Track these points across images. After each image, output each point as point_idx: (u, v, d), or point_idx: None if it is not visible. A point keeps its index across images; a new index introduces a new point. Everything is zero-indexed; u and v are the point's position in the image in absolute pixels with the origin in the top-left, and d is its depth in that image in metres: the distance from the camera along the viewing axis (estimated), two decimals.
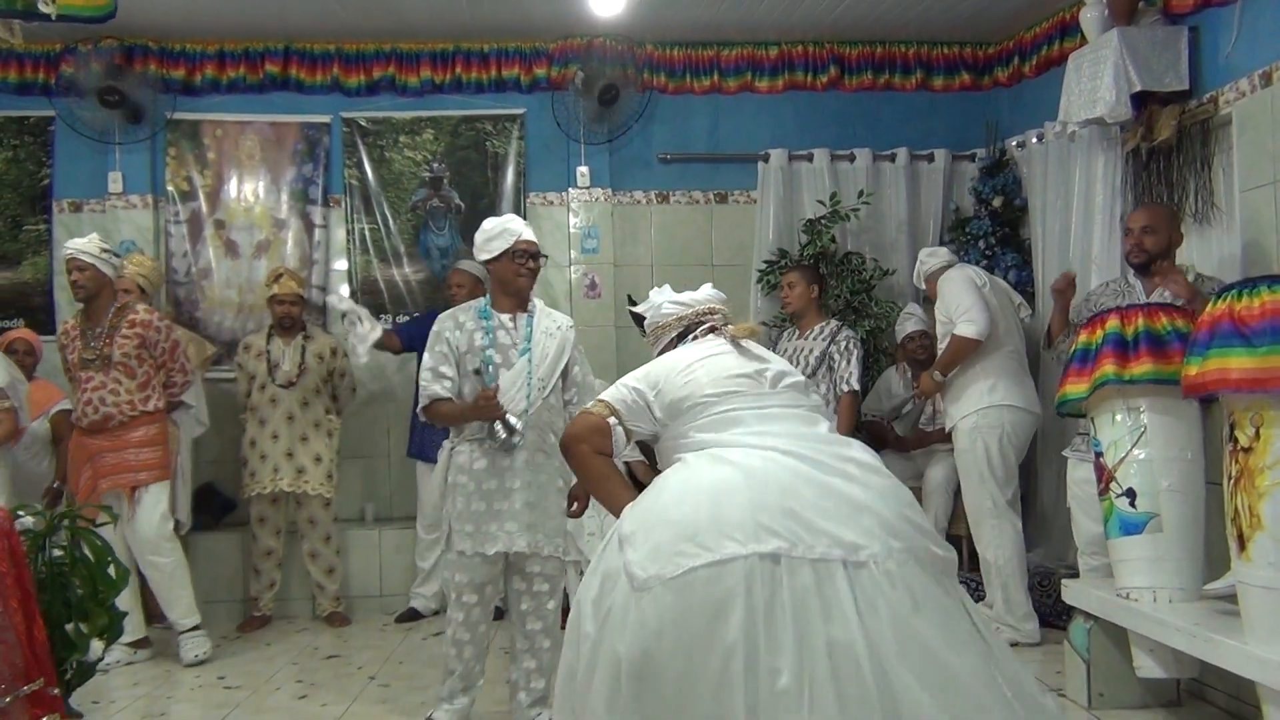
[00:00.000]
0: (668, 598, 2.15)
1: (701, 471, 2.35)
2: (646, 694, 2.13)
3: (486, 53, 6.03)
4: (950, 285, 4.66)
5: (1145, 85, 4.31)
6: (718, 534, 2.18)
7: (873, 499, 2.28)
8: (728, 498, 2.24)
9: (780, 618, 2.11)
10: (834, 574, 2.15)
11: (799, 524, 2.19)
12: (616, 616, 2.20)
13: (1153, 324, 3.44)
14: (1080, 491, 4.24)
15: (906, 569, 2.19)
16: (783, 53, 6.11)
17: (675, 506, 2.28)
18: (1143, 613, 3.41)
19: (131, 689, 4.35)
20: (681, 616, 2.13)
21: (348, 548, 5.61)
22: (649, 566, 2.19)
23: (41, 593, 2.86)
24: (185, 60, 5.94)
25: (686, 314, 2.80)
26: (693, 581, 2.14)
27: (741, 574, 2.13)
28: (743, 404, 2.47)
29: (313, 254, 6.02)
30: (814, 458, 2.33)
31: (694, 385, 2.51)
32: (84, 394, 4.58)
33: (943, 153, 6.08)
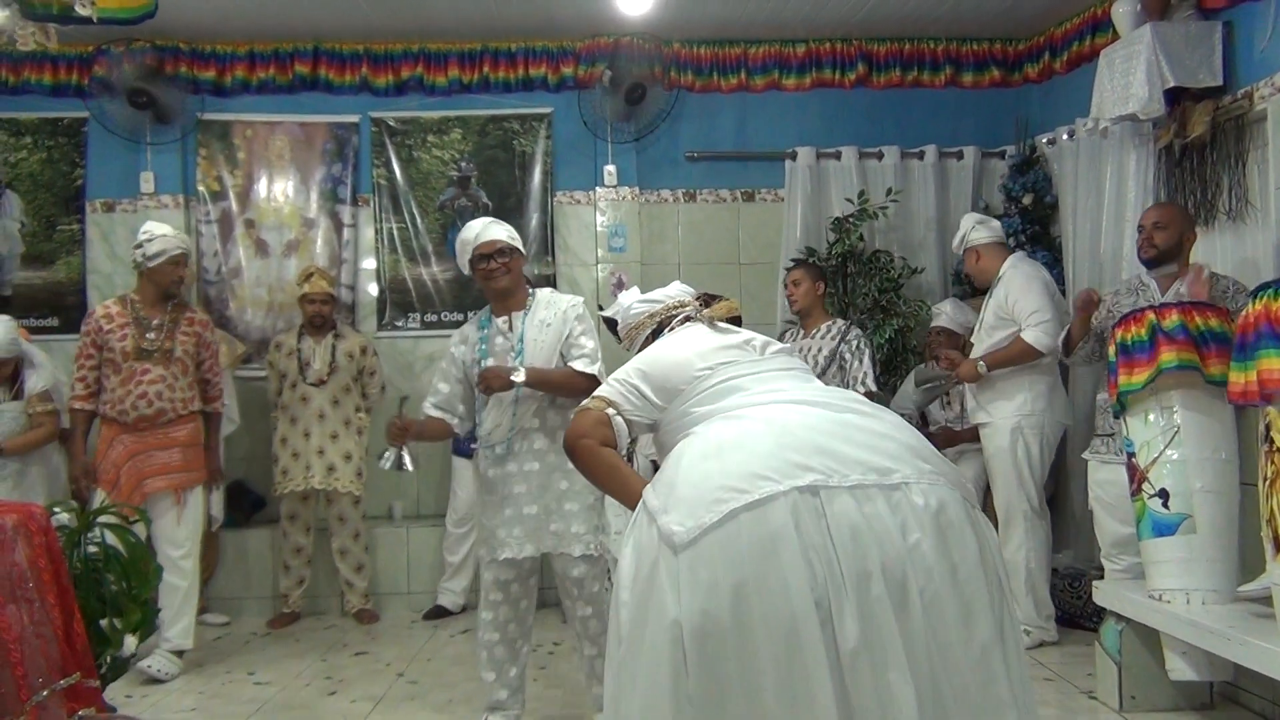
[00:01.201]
0: (716, 550, 2.07)
1: (719, 431, 2.30)
2: (713, 652, 2.05)
3: (514, 52, 6.05)
4: (1027, 282, 4.55)
5: (1179, 81, 4.26)
6: (752, 476, 2.12)
7: (892, 429, 2.27)
8: (753, 443, 2.20)
9: (833, 555, 2.06)
10: (873, 498, 2.11)
11: (829, 456, 2.15)
12: (663, 583, 2.12)
13: (1187, 323, 3.41)
14: (1103, 493, 4.23)
15: (938, 488, 2.17)
16: (810, 50, 6.09)
17: (700, 465, 2.21)
18: (1175, 615, 3.37)
19: (163, 684, 4.39)
20: (732, 563, 2.05)
21: (376, 545, 5.65)
22: (687, 521, 2.12)
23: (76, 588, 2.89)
24: (216, 61, 5.99)
25: (657, 309, 2.80)
26: (738, 526, 2.07)
27: (787, 510, 2.07)
28: (738, 371, 2.44)
29: (342, 253, 6.06)
30: (824, 401, 2.33)
31: (684, 364, 2.47)
32: (137, 386, 4.42)
33: (972, 150, 6.04)
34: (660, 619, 2.08)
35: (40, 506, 2.82)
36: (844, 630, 2.02)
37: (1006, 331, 4.58)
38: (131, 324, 4.48)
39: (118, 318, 4.48)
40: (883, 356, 5.63)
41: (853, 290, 5.75)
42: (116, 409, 4.44)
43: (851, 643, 2.01)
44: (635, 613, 2.15)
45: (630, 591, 2.19)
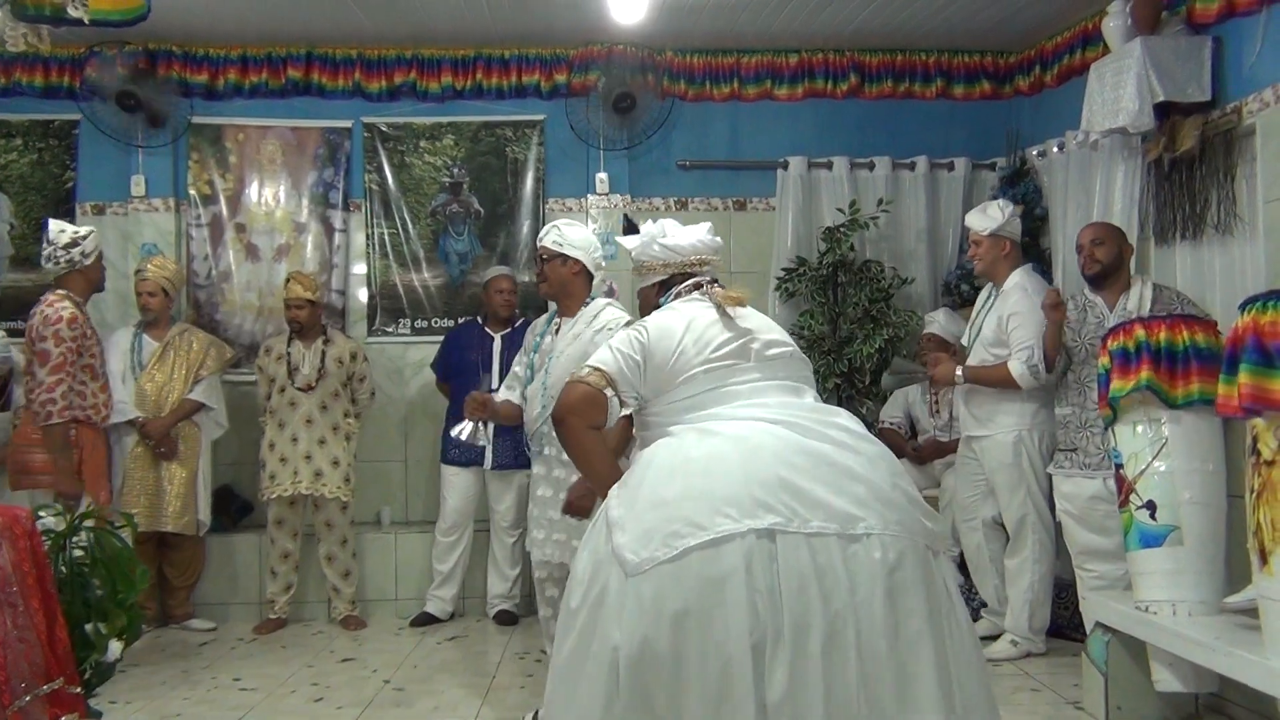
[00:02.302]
0: (665, 581, 2.09)
1: (689, 446, 2.27)
2: (647, 682, 2.07)
3: (507, 59, 6.05)
4: (1030, 312, 4.45)
5: (1168, 95, 4.28)
6: (711, 510, 2.13)
7: (865, 467, 2.24)
8: (719, 470, 2.18)
9: (780, 601, 2.07)
10: (830, 549, 2.12)
11: (793, 495, 2.15)
12: (611, 605, 2.14)
13: (1174, 339, 3.43)
14: (1069, 505, 4.31)
15: (901, 543, 2.16)
16: (803, 60, 6.11)
17: (665, 485, 2.21)
18: (1162, 626, 3.38)
19: (147, 690, 4.37)
20: (680, 599, 2.08)
21: (363, 551, 5.63)
22: (640, 550, 2.13)
23: (61, 593, 2.87)
24: (208, 65, 5.98)
25: (674, 261, 2.69)
26: (689, 563, 2.09)
27: (740, 553, 2.08)
28: (729, 379, 2.41)
29: (332, 258, 6.05)
30: (803, 424, 2.28)
31: (682, 359, 2.43)
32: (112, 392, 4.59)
33: (963, 161, 6.07)
34: (603, 641, 2.11)
35: (26, 510, 2.81)
36: (773, 680, 2.04)
37: (1003, 350, 4.51)
38: (93, 329, 4.60)
39: (85, 324, 4.54)
40: (872, 366, 5.65)
41: (843, 300, 5.76)
42: (100, 414, 4.57)
43: (777, 694, 2.04)
44: (582, 628, 2.18)
45: (580, 602, 2.21)
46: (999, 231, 4.65)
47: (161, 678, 4.55)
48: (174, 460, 5.21)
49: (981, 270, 4.75)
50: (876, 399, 5.71)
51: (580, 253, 3.69)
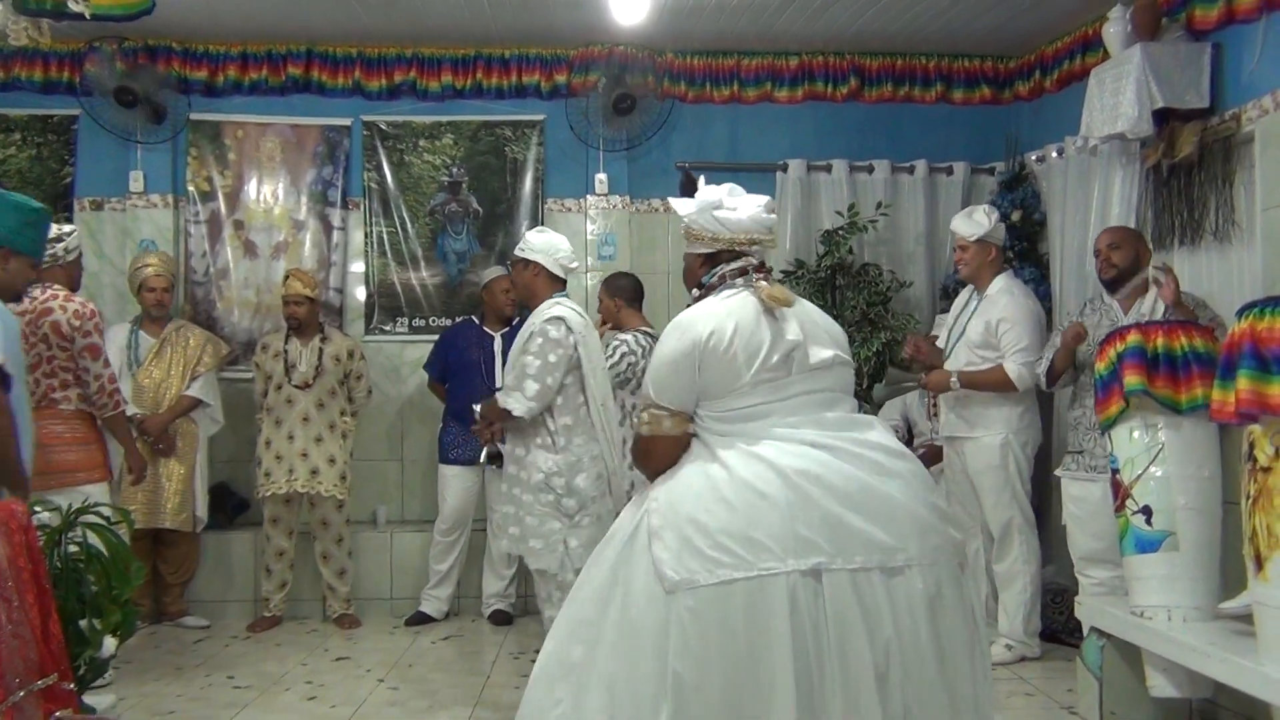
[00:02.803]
0: (707, 605, 2.13)
1: (734, 468, 2.25)
2: (692, 694, 2.11)
3: (508, 59, 6.05)
4: (1022, 315, 4.53)
5: (1167, 101, 4.29)
6: (754, 544, 2.14)
7: (905, 494, 2.25)
8: (763, 502, 2.18)
9: (825, 637, 2.12)
10: (874, 583, 2.15)
11: (836, 531, 2.16)
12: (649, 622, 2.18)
13: (1171, 345, 3.42)
14: (1076, 509, 4.28)
15: (938, 569, 2.21)
16: (803, 63, 6.11)
17: (708, 509, 2.22)
18: (1157, 631, 3.39)
19: (141, 686, 4.36)
20: (724, 625, 2.11)
21: (359, 550, 5.62)
22: (680, 569, 2.16)
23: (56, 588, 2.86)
24: (208, 61, 5.97)
25: (723, 236, 2.51)
26: (732, 594, 2.12)
27: (784, 592, 2.11)
28: (776, 394, 2.35)
29: (330, 256, 6.04)
30: (845, 449, 2.27)
31: (732, 370, 2.34)
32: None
33: (962, 165, 6.07)
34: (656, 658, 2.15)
35: (21, 504, 2.79)
36: (830, 715, 2.09)
37: (992, 353, 4.57)
38: None
39: None
40: (870, 370, 5.64)
41: (841, 303, 5.76)
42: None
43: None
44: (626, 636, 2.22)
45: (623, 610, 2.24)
46: (985, 237, 4.69)
47: (155, 674, 4.54)
48: (172, 457, 5.20)
49: (967, 275, 4.78)
50: (873, 404, 5.70)
51: (539, 255, 3.78)
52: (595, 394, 3.63)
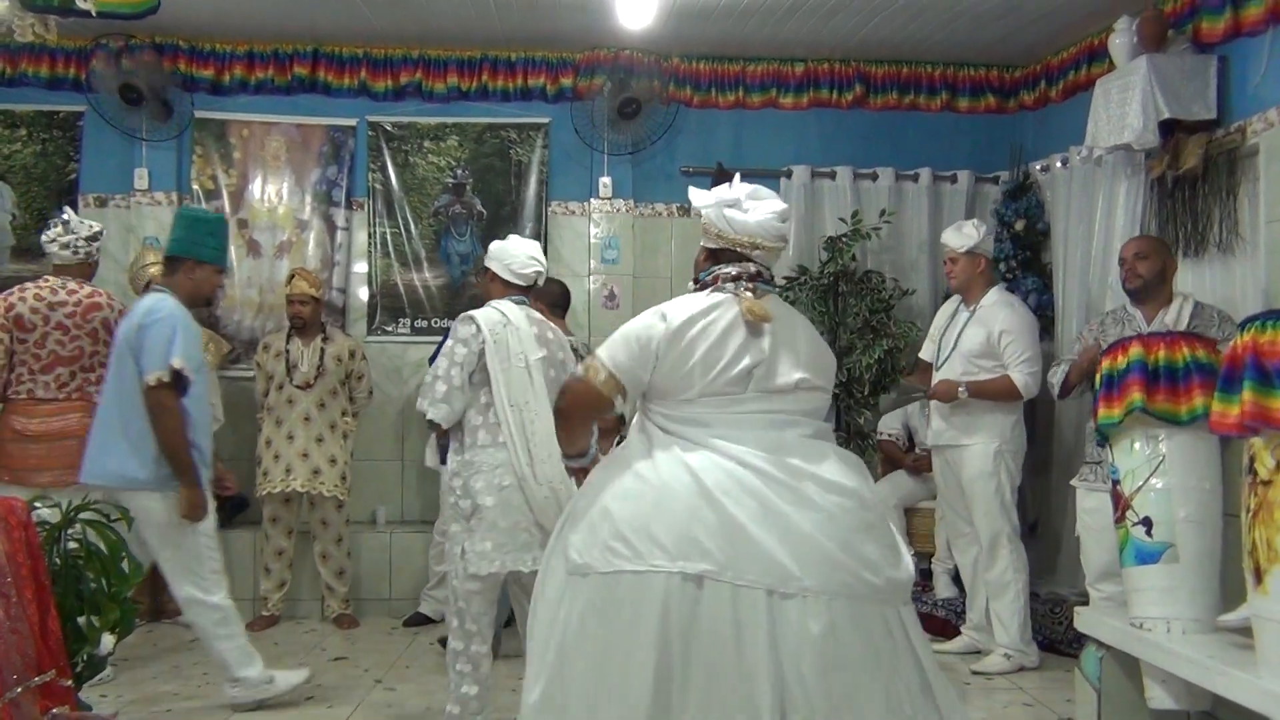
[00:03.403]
0: (595, 591, 2.22)
1: (659, 467, 2.31)
2: (566, 671, 2.22)
3: (514, 61, 6.06)
4: (1024, 326, 4.62)
5: (1173, 113, 4.29)
6: (649, 540, 2.21)
7: (820, 528, 2.23)
8: (671, 503, 2.23)
9: (694, 645, 2.14)
10: (756, 604, 2.15)
11: (735, 545, 2.18)
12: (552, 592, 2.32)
13: (1173, 356, 3.42)
14: (1091, 521, 4.24)
15: (836, 605, 2.18)
16: (808, 69, 6.12)
17: (620, 499, 2.29)
18: (1156, 643, 3.38)
19: (138, 685, 4.36)
20: (603, 614, 2.20)
21: (358, 550, 5.62)
22: (582, 554, 2.27)
23: (55, 585, 2.87)
24: (214, 60, 5.98)
25: (728, 235, 2.51)
26: (619, 584, 2.20)
27: (661, 591, 2.16)
28: (726, 408, 2.37)
29: (334, 256, 6.05)
30: (771, 474, 2.27)
31: (688, 376, 2.37)
32: None
33: (966, 174, 6.07)
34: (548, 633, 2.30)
35: (21, 500, 2.80)
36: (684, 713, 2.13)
37: (993, 363, 4.61)
38: None
39: None
40: (871, 377, 5.64)
41: (844, 310, 5.76)
42: None
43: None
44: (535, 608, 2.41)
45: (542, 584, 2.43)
46: (975, 249, 4.72)
47: (152, 672, 4.55)
48: None
49: (957, 287, 4.82)
50: (875, 410, 5.71)
51: (493, 262, 3.76)
52: (504, 395, 3.48)
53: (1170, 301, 4.14)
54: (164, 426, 3.75)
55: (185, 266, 3.89)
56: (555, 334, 3.71)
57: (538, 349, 3.54)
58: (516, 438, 3.45)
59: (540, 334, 3.61)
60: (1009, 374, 4.56)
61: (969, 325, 4.71)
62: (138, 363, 3.76)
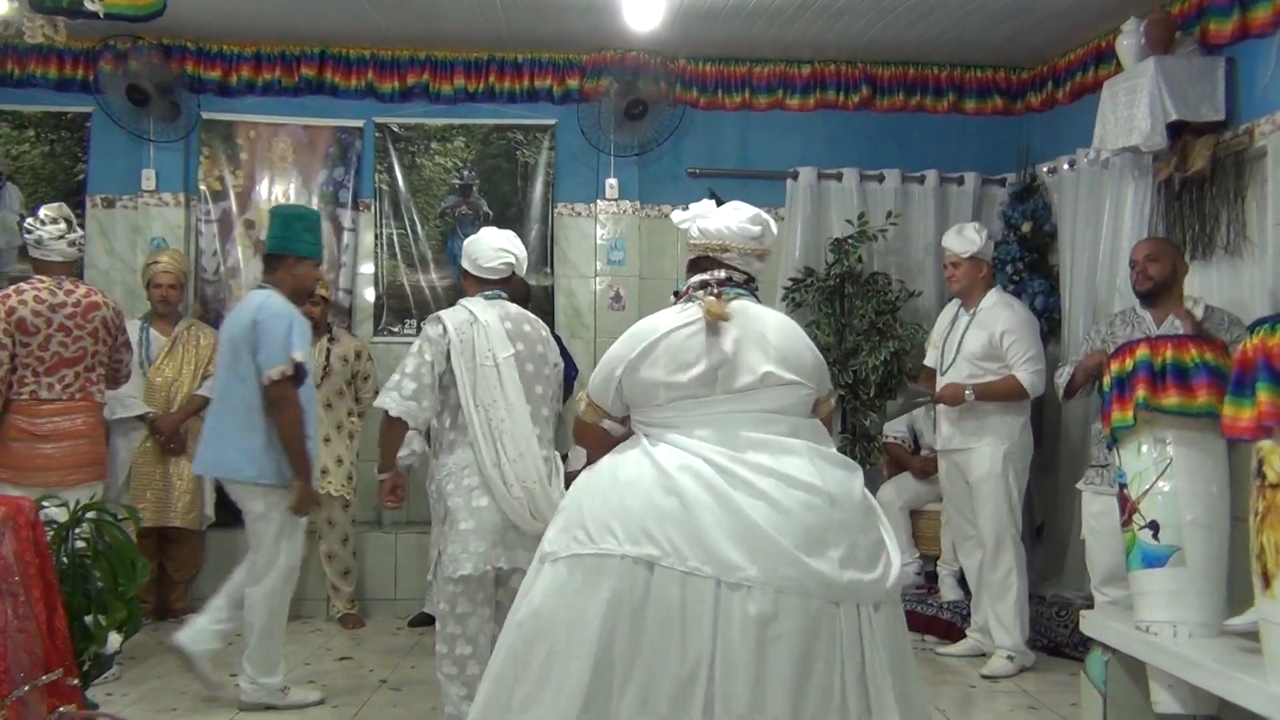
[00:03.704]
0: (559, 572, 2.33)
1: (626, 464, 2.42)
2: (519, 649, 2.33)
3: (520, 63, 6.06)
4: (1026, 326, 4.65)
5: (1181, 115, 4.28)
6: (603, 527, 2.30)
7: (773, 521, 2.26)
8: (630, 496, 2.33)
9: (642, 627, 2.22)
10: (702, 591, 2.20)
11: (682, 534, 2.24)
12: (527, 578, 2.47)
13: (1180, 356, 3.41)
14: (1096, 524, 4.23)
15: (785, 599, 2.21)
16: (815, 71, 6.12)
17: (590, 494, 2.42)
18: (1162, 647, 3.37)
19: (144, 684, 4.37)
20: (560, 593, 2.31)
21: (364, 550, 5.63)
22: (551, 542, 2.40)
23: (62, 584, 2.87)
24: (222, 61, 5.99)
25: (699, 242, 2.64)
26: (577, 566, 2.30)
27: (615, 573, 2.25)
28: (694, 410, 2.44)
29: (340, 257, 6.06)
30: (729, 468, 2.31)
31: (653, 390, 2.47)
32: None
33: (973, 176, 6.06)
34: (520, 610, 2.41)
35: (29, 500, 2.81)
36: (621, 704, 2.19)
37: (996, 365, 4.61)
38: None
39: None
40: (878, 379, 5.64)
41: (850, 311, 5.76)
42: None
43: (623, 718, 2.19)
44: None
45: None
46: (978, 254, 4.73)
47: (158, 671, 4.55)
48: (182, 456, 5.22)
49: (959, 291, 4.82)
50: (880, 412, 5.70)
51: (464, 259, 3.75)
52: (469, 396, 3.44)
53: (1180, 304, 4.13)
54: (286, 419, 3.87)
55: (286, 263, 3.97)
56: (533, 326, 3.63)
57: (508, 346, 3.47)
58: (483, 438, 3.41)
59: (515, 329, 3.54)
60: (1014, 374, 4.57)
61: (970, 329, 4.72)
62: (254, 358, 3.87)
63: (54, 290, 4.18)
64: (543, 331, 3.67)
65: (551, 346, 3.67)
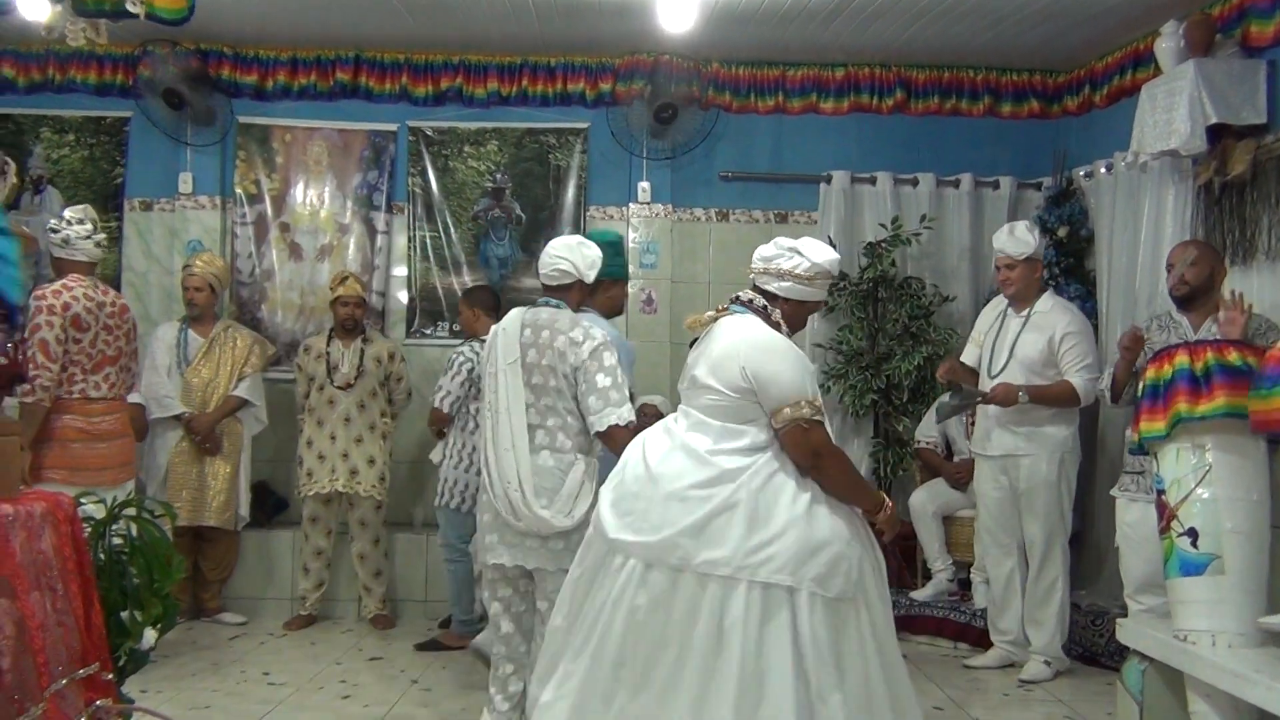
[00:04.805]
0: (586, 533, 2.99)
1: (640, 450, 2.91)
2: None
3: (553, 66, 6.08)
4: (1084, 330, 4.63)
5: (1221, 118, 4.23)
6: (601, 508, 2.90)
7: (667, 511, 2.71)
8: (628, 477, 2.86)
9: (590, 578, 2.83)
10: (614, 556, 2.76)
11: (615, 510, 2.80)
12: None
13: (1223, 358, 3.36)
14: (1131, 533, 4.19)
15: (654, 573, 2.68)
16: (849, 74, 6.09)
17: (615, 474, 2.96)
18: (1201, 656, 3.32)
19: (178, 680, 4.41)
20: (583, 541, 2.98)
21: (395, 551, 5.65)
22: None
23: (99, 579, 2.90)
24: (258, 66, 6.06)
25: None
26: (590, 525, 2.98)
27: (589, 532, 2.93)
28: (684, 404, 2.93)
29: (374, 259, 6.10)
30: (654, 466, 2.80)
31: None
32: None
33: (1008, 180, 6.01)
34: None
35: (68, 496, 2.84)
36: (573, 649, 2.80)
37: (1054, 371, 4.55)
38: None
39: None
40: (910, 384, 5.60)
41: (883, 315, 5.73)
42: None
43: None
44: None
45: None
46: (1033, 255, 4.64)
47: (192, 669, 4.59)
48: (218, 456, 5.28)
49: (1014, 294, 4.69)
50: (913, 417, 5.67)
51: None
52: (484, 398, 3.59)
53: (1218, 309, 4.07)
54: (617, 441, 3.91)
55: (603, 286, 3.95)
56: (553, 333, 3.46)
57: (513, 353, 3.45)
58: (487, 438, 3.48)
59: (533, 335, 3.46)
60: (1068, 379, 4.50)
61: (1025, 332, 4.62)
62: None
63: (92, 290, 4.25)
64: (561, 340, 3.45)
65: (570, 356, 3.43)
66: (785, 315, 2.93)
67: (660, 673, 2.63)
